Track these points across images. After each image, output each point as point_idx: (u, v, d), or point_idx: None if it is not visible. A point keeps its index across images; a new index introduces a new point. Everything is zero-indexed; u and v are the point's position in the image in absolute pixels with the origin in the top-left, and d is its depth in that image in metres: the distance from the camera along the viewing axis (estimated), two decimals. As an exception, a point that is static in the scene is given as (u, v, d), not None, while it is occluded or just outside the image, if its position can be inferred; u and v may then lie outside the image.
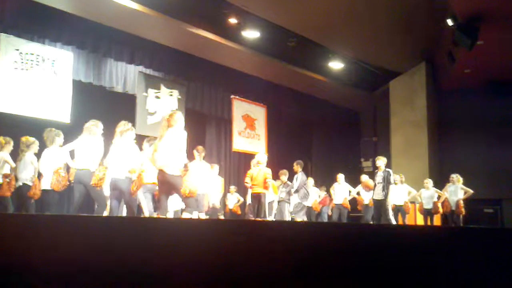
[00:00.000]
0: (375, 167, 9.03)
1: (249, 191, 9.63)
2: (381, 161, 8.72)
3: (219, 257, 2.90)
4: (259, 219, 8.29)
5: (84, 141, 6.21)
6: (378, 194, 8.58)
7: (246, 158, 12.06)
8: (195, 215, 7.95)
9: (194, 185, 6.74)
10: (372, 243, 3.20)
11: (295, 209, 8.99)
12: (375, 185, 8.75)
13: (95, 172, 6.04)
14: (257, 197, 8.53)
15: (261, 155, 8.93)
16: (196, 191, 7.55)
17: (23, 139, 6.89)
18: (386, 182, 8.46)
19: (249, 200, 9.82)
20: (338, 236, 3.30)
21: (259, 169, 8.58)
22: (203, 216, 8.17)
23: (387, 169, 8.68)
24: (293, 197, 9.07)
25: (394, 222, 8.62)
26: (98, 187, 6.05)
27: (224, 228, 3.33)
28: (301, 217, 9.02)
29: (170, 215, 7.66)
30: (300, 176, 9.03)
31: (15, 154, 6.89)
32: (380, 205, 8.54)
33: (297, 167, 9.16)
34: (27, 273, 2.73)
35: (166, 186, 5.62)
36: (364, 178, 10.39)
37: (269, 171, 8.63)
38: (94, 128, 6.25)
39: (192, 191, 6.24)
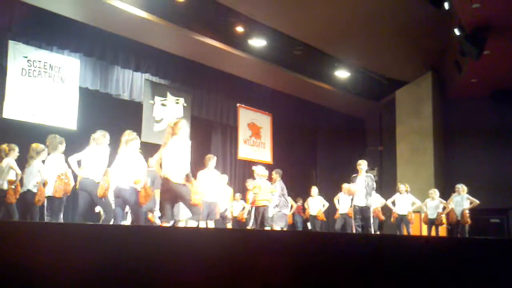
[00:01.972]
0: (356, 171, 8.48)
1: (249, 200, 9.61)
2: (363, 165, 8.35)
3: (223, 267, 2.89)
4: (259, 228, 8.27)
5: (92, 151, 6.25)
6: (361, 201, 8.21)
7: (251, 167, 12.05)
8: (203, 223, 7.93)
9: (199, 195, 6.70)
10: (376, 254, 3.18)
11: (274, 217, 8.79)
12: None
13: (100, 183, 6.05)
14: (261, 209, 8.55)
15: (263, 168, 8.93)
16: (200, 200, 7.51)
17: (34, 145, 6.87)
18: (369, 188, 8.15)
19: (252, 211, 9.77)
20: (341, 246, 3.28)
21: (264, 182, 8.66)
22: (212, 224, 8.14)
23: (368, 174, 8.42)
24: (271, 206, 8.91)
25: (373, 230, 8.35)
26: (103, 198, 6.06)
27: (228, 237, 3.33)
28: (280, 226, 8.87)
29: (182, 224, 7.62)
30: (278, 184, 8.94)
31: (21, 161, 6.90)
32: (363, 211, 8.22)
33: (275, 175, 9.06)
34: (32, 281, 2.74)
35: (169, 194, 5.59)
36: (346, 185, 9.64)
37: (270, 184, 8.78)
38: (101, 138, 6.30)
39: (196, 200, 6.20)
